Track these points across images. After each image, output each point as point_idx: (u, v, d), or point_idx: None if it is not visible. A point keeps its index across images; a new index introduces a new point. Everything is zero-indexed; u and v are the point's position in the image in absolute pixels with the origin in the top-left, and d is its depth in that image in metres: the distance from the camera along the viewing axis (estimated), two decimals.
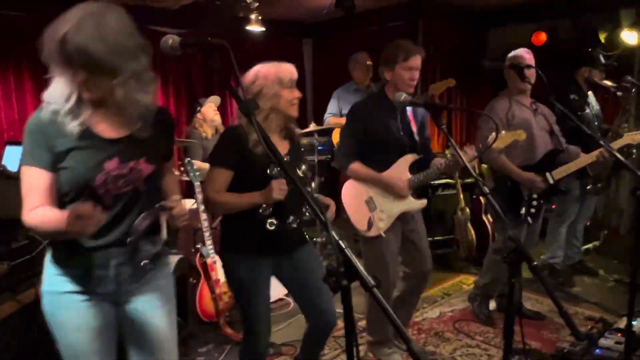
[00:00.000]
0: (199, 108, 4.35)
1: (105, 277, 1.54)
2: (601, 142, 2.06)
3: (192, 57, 5.32)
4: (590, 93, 3.83)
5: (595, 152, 2.93)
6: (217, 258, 3.29)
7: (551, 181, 2.97)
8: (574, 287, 3.92)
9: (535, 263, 1.41)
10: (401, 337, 0.93)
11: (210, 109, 4.31)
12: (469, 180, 4.42)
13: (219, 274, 3.27)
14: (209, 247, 3.22)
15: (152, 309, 1.66)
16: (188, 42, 1.30)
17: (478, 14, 5.55)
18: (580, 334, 1.66)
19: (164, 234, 1.61)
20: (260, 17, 4.71)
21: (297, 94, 2.05)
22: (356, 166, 2.60)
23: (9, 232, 2.27)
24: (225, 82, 1.51)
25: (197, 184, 3.25)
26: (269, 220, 2.00)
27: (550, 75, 2.48)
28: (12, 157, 3.36)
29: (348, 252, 1.00)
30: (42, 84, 4.82)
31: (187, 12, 4.85)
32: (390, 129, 2.55)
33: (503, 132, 2.65)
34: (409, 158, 2.60)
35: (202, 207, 3.20)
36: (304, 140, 4.73)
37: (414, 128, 2.68)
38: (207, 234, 3.22)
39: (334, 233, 1.01)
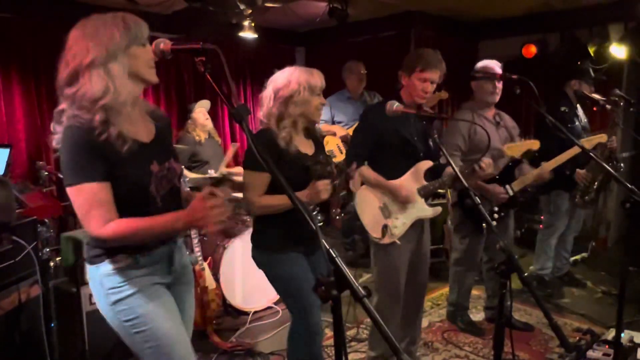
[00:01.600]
0: (189, 114, 4.34)
1: (170, 269, 1.67)
2: (592, 154, 2.06)
3: (183, 61, 5.31)
4: (578, 106, 3.87)
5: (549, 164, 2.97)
6: (205, 265, 3.25)
7: (511, 193, 3.00)
8: (562, 299, 3.93)
9: (525, 274, 1.41)
10: (391, 348, 0.92)
11: (200, 114, 4.30)
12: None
13: (207, 281, 3.23)
14: (197, 254, 3.19)
15: (189, 299, 1.83)
16: (179, 47, 1.29)
17: (469, 26, 5.61)
18: (570, 346, 1.65)
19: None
20: (253, 24, 4.71)
21: (323, 100, 2.18)
22: (365, 170, 2.54)
23: None
24: (219, 88, 1.48)
25: (186, 189, 3.21)
26: (318, 217, 2.11)
27: (539, 88, 2.50)
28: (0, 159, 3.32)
29: (338, 261, 0.99)
30: (31, 86, 4.81)
31: (179, 17, 4.84)
32: (405, 134, 2.51)
33: (517, 141, 2.64)
34: (424, 164, 2.56)
35: None
36: None
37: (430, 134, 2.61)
38: (195, 241, 3.19)
39: (324, 242, 0.99)
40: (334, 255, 0.99)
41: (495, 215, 3.05)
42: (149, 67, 1.51)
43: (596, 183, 3.74)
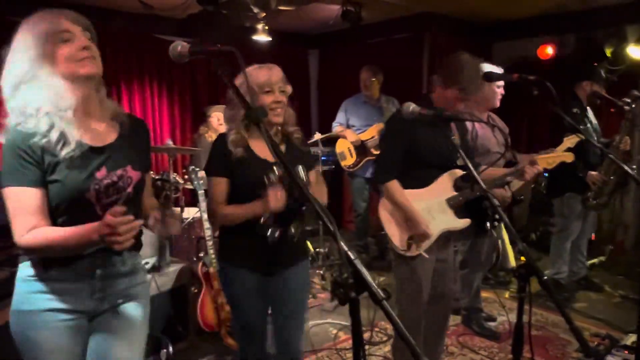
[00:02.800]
0: (204, 117, 4.38)
1: (90, 289, 1.49)
2: (610, 155, 2.03)
3: (197, 64, 5.35)
4: (588, 108, 3.83)
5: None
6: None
7: (509, 194, 2.96)
8: (580, 303, 3.87)
9: (545, 277, 1.39)
10: (412, 353, 0.91)
11: (215, 118, 4.33)
12: None
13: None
14: (211, 256, 3.20)
15: (116, 337, 1.56)
16: (197, 49, 1.29)
17: (484, 27, 5.56)
18: (590, 351, 1.62)
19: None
20: (266, 27, 4.73)
21: (277, 98, 1.96)
22: (393, 185, 2.36)
23: (10, 239, 2.25)
24: (236, 90, 1.46)
25: (200, 192, 3.24)
26: (270, 229, 1.89)
27: (556, 89, 2.46)
28: None
29: (357, 263, 0.98)
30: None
31: (194, 21, 4.86)
32: (435, 140, 2.33)
33: (552, 152, 2.54)
34: (454, 173, 2.42)
35: (205, 216, 3.19)
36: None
37: (457, 141, 2.42)
38: (209, 243, 3.20)
39: (342, 244, 0.99)
40: (353, 258, 0.98)
41: (496, 216, 2.98)
42: (76, 61, 1.40)
43: (609, 185, 3.69)
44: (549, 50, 4.94)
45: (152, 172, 1.98)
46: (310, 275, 4.05)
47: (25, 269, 1.48)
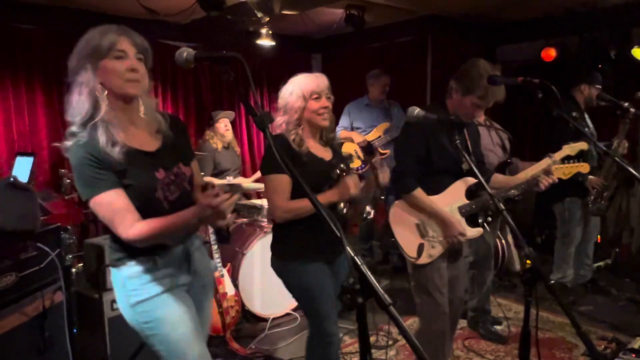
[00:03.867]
0: (211, 121, 4.39)
1: (186, 267, 1.73)
2: (616, 158, 2.02)
3: (201, 69, 5.37)
4: (585, 112, 3.82)
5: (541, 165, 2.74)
6: (224, 272, 3.27)
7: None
8: (586, 306, 3.85)
9: (552, 282, 1.38)
10: (419, 358, 0.91)
11: (222, 124, 4.35)
12: None
13: (227, 287, 3.24)
14: (216, 261, 3.21)
15: (206, 304, 1.87)
16: (202, 55, 1.30)
17: (487, 30, 5.57)
18: (597, 355, 1.61)
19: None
20: (270, 32, 4.75)
21: (324, 103, 2.12)
22: (419, 193, 2.35)
23: (18, 243, 2.26)
24: (242, 96, 1.49)
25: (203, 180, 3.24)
26: (345, 209, 2.11)
27: (560, 92, 2.45)
28: (23, 167, 3.38)
29: (364, 268, 0.98)
30: (54, 96, 4.90)
31: (198, 26, 4.90)
32: (448, 147, 2.29)
33: (569, 163, 2.49)
34: (467, 181, 2.40)
35: None
36: None
37: (470, 146, 2.46)
38: (214, 247, 3.21)
39: (349, 250, 0.99)
40: (360, 263, 0.99)
41: (489, 219, 2.81)
42: (122, 80, 1.51)
43: (609, 190, 3.68)
44: (553, 53, 4.93)
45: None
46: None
47: (131, 268, 1.64)
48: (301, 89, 2.10)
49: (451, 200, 2.39)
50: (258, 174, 4.37)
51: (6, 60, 4.21)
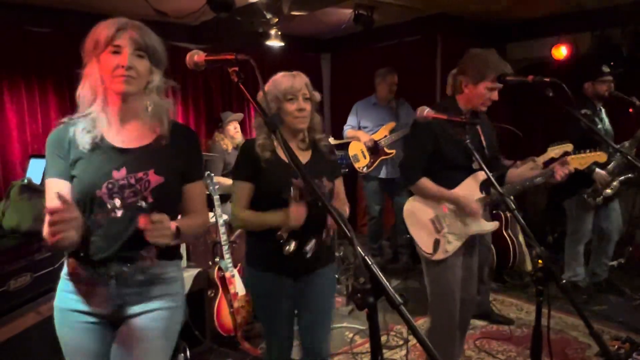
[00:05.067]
0: (220, 124, 4.42)
1: (107, 296, 1.50)
2: (629, 157, 2.00)
3: (211, 71, 5.40)
4: (602, 109, 3.76)
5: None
6: (235, 272, 3.28)
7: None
8: (599, 306, 3.82)
9: (564, 281, 1.38)
10: (430, 358, 0.91)
11: (231, 126, 4.38)
12: None
13: (238, 287, 3.26)
14: (227, 261, 3.22)
15: (145, 339, 1.55)
16: (213, 58, 1.31)
17: (497, 28, 5.53)
18: (610, 355, 1.60)
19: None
20: (279, 33, 4.76)
21: (300, 105, 1.98)
22: (425, 182, 2.34)
23: (33, 244, 2.29)
24: (252, 97, 1.46)
25: (216, 197, 3.27)
26: (286, 247, 1.94)
27: (572, 90, 2.43)
28: (37, 170, 3.42)
29: (374, 268, 0.99)
30: (66, 99, 4.95)
31: (207, 27, 4.92)
32: (462, 144, 2.18)
33: (584, 153, 2.43)
34: (479, 176, 2.36)
35: (220, 221, 3.21)
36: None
37: (484, 142, 2.43)
38: (225, 247, 3.23)
39: (359, 249, 0.99)
40: (370, 262, 0.99)
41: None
42: (111, 76, 1.46)
43: (611, 189, 3.64)
44: (564, 50, 4.89)
45: None
46: None
47: (64, 267, 1.57)
48: (276, 89, 1.99)
49: (466, 194, 2.35)
50: None
51: (20, 63, 4.27)
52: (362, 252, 0.98)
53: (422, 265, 2.50)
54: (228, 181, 3.92)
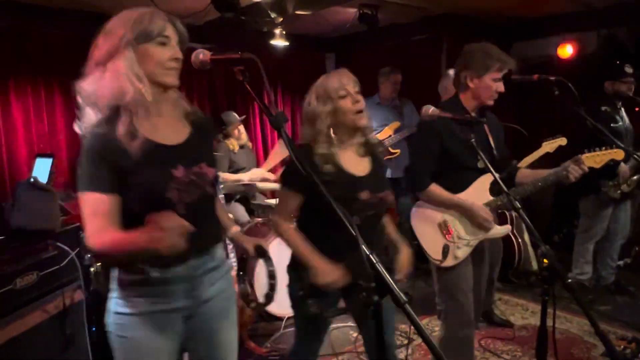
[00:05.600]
0: (224, 126, 4.43)
1: (186, 291, 1.50)
2: (636, 155, 1.99)
3: (215, 70, 5.41)
4: (621, 106, 3.74)
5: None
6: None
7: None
8: (605, 305, 3.80)
9: (569, 280, 1.37)
10: (436, 358, 0.91)
11: (234, 130, 4.40)
12: None
13: None
14: (232, 260, 3.23)
15: (220, 321, 1.62)
16: (218, 56, 1.31)
17: (502, 27, 5.51)
18: (616, 355, 1.59)
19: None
20: (284, 32, 4.76)
21: (357, 98, 1.85)
22: (434, 188, 2.24)
23: (39, 243, 2.31)
24: (257, 96, 1.42)
25: (221, 196, 3.27)
26: (309, 301, 1.71)
27: (577, 88, 2.41)
28: (43, 168, 3.44)
29: (379, 267, 0.99)
30: (72, 98, 4.91)
31: (212, 27, 4.93)
32: (468, 143, 2.07)
33: (599, 151, 2.34)
34: (489, 177, 2.27)
35: None
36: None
37: (492, 142, 2.37)
38: (230, 246, 3.23)
39: (364, 248, 0.99)
40: (375, 261, 0.99)
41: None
42: (163, 68, 1.41)
43: (629, 186, 3.61)
44: (569, 49, 4.87)
45: None
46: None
47: (120, 274, 1.49)
48: (324, 90, 1.86)
49: (476, 197, 2.29)
50: (270, 163, 4.38)
51: (25, 62, 4.29)
52: (367, 251, 0.98)
53: (432, 271, 2.43)
54: (232, 176, 3.95)
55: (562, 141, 2.70)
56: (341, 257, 1.71)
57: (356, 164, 1.89)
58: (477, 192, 2.29)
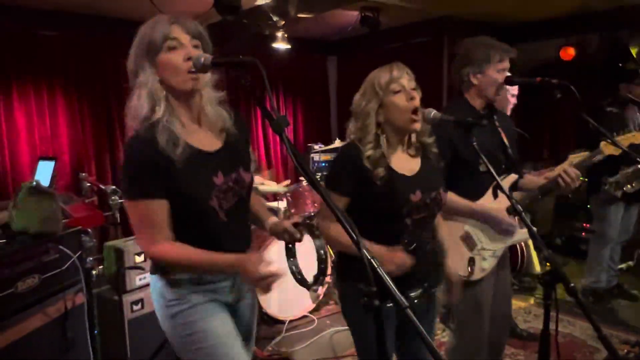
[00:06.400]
0: None
1: (231, 287, 1.56)
2: (638, 159, 1.98)
3: (217, 72, 5.41)
4: (636, 108, 3.70)
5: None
6: None
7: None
8: (608, 309, 3.78)
9: (572, 284, 1.36)
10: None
11: None
12: None
13: None
14: None
15: (252, 315, 1.71)
16: (220, 61, 1.31)
17: (504, 29, 5.51)
18: (619, 359, 1.58)
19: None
20: (286, 35, 4.77)
21: (410, 94, 1.66)
22: (451, 196, 1.98)
23: (41, 246, 2.30)
24: (258, 100, 1.39)
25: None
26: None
27: (579, 91, 2.39)
28: (45, 172, 3.44)
29: (380, 271, 0.98)
30: (74, 101, 4.96)
31: (214, 30, 4.93)
32: (483, 145, 1.85)
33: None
34: (508, 180, 2.14)
35: None
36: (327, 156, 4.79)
37: (506, 142, 2.21)
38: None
39: (366, 252, 0.99)
40: (376, 265, 0.98)
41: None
42: (176, 74, 1.37)
43: (631, 182, 3.58)
44: (571, 52, 4.87)
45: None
46: (332, 281, 4.05)
47: (172, 276, 1.50)
48: (373, 83, 1.68)
49: (495, 201, 2.15)
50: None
51: (28, 65, 4.31)
52: (368, 255, 0.98)
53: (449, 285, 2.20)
54: None
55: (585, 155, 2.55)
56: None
57: (407, 164, 1.75)
58: (495, 196, 2.16)
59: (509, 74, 2.18)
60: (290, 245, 1.86)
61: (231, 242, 1.48)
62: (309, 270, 3.69)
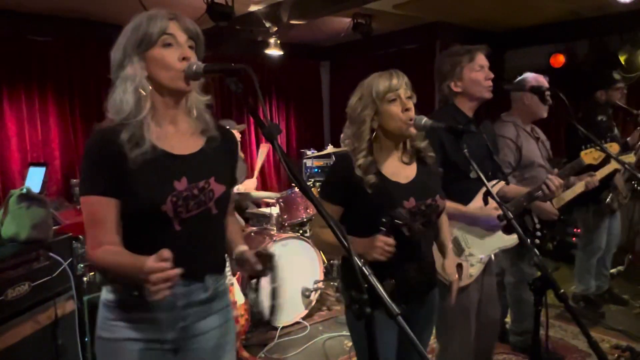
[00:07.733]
0: None
1: (170, 321, 1.35)
2: (627, 166, 2.00)
3: (211, 80, 5.41)
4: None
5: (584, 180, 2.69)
6: (234, 280, 3.27)
7: (555, 210, 2.72)
8: (599, 314, 3.80)
9: (562, 290, 1.37)
10: None
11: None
12: None
13: (236, 296, 3.25)
14: (226, 269, 3.21)
15: (216, 358, 1.47)
16: (211, 68, 1.31)
17: (495, 36, 5.56)
18: None
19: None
20: (278, 41, 4.78)
21: (405, 104, 1.66)
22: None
23: (31, 253, 2.29)
24: (250, 107, 1.36)
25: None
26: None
27: (569, 98, 2.41)
28: (36, 178, 3.42)
29: (372, 278, 0.99)
30: (66, 107, 4.94)
31: (206, 36, 4.94)
32: (471, 151, 1.80)
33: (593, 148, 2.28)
34: (497, 186, 2.17)
35: None
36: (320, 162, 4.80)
37: (491, 149, 2.22)
38: (226, 256, 3.21)
39: (357, 259, 0.99)
40: (367, 273, 0.99)
41: (538, 233, 2.57)
42: (173, 71, 1.30)
43: (624, 194, 3.63)
44: (561, 59, 4.92)
45: None
46: (325, 287, 4.05)
47: (106, 294, 1.37)
48: (371, 90, 1.68)
49: (482, 209, 2.15)
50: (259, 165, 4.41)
51: (20, 71, 4.29)
52: (359, 263, 0.98)
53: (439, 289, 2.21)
54: None
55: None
56: (392, 268, 1.55)
57: (402, 171, 1.75)
58: (482, 204, 2.13)
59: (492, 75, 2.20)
60: (254, 280, 1.61)
61: (184, 257, 1.18)
62: (304, 281, 3.69)
